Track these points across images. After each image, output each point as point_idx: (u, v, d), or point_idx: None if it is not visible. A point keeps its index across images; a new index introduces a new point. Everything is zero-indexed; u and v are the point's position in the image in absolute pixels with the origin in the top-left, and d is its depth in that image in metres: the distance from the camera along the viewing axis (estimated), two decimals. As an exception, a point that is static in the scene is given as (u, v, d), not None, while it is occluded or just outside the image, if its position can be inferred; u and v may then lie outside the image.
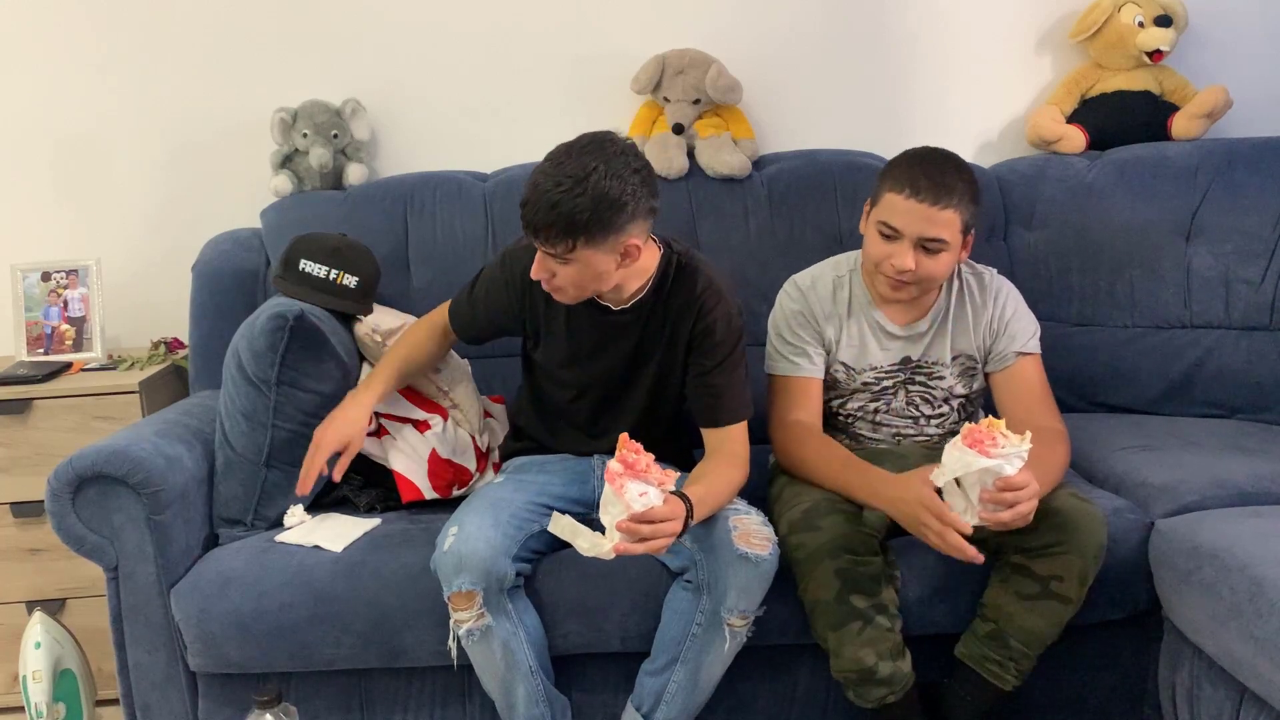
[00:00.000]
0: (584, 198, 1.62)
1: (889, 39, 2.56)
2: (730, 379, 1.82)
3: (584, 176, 1.62)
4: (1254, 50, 2.55)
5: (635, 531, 1.52)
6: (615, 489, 1.51)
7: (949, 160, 1.83)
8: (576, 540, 1.55)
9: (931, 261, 1.81)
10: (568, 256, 1.67)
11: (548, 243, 1.66)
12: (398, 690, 1.89)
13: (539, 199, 1.63)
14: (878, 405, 1.97)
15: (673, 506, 1.57)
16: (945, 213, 1.78)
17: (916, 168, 1.80)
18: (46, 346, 2.42)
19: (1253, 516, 1.77)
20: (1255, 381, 2.28)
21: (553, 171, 1.64)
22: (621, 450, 1.53)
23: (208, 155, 2.55)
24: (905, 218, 1.79)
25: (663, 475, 1.55)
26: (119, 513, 1.81)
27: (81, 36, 2.50)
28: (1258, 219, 2.31)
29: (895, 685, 1.73)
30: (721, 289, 1.82)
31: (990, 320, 1.93)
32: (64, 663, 2.11)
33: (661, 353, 1.85)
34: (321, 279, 2.08)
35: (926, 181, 1.78)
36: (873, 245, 1.86)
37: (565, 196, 1.62)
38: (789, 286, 1.99)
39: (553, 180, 1.63)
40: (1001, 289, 1.96)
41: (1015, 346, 1.92)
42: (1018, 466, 1.59)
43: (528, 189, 1.66)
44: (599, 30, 2.53)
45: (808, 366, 1.93)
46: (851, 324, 1.95)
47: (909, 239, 1.80)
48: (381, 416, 2.09)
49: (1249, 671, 1.58)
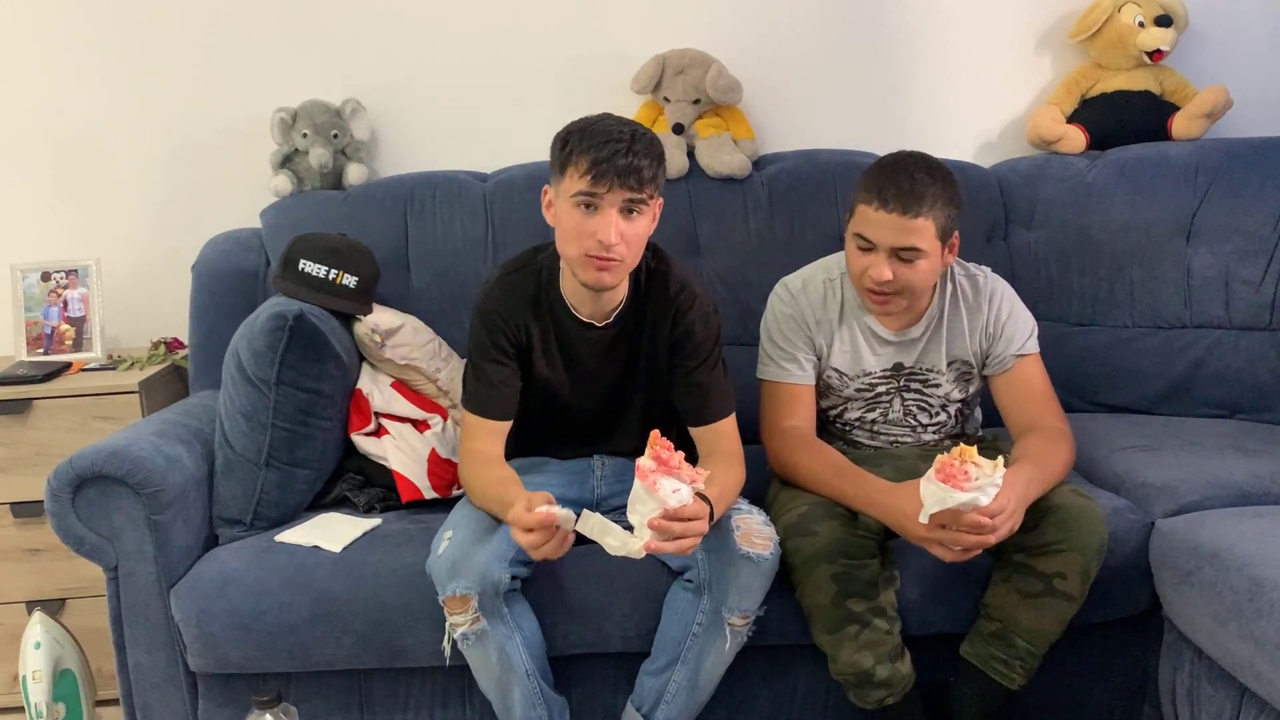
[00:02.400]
0: (656, 147, 1.67)
1: (889, 39, 2.56)
2: (714, 376, 1.82)
3: (644, 131, 1.67)
4: (1254, 50, 2.55)
5: (668, 530, 1.51)
6: (649, 485, 1.49)
7: (919, 165, 1.79)
8: (605, 539, 1.53)
9: (909, 270, 1.79)
10: (652, 198, 1.67)
11: (641, 186, 1.64)
12: (398, 690, 1.89)
13: (628, 145, 1.62)
14: (875, 415, 1.96)
15: (700, 505, 1.56)
16: (917, 221, 1.75)
17: (886, 177, 1.77)
18: (46, 346, 2.42)
19: (1253, 516, 1.77)
20: (1255, 381, 2.28)
21: (616, 125, 1.65)
22: (654, 447, 1.52)
23: (208, 155, 2.55)
24: (878, 229, 1.76)
25: (694, 473, 1.54)
26: (119, 513, 1.81)
27: (81, 36, 2.50)
28: (1258, 219, 2.31)
29: (894, 687, 1.73)
30: (695, 289, 1.82)
31: (986, 324, 1.91)
32: (64, 663, 2.11)
33: (648, 361, 1.85)
34: (321, 279, 2.08)
35: (895, 191, 1.75)
36: (852, 258, 1.84)
37: (646, 143, 1.64)
38: (780, 289, 1.97)
39: (627, 130, 1.64)
40: (996, 290, 1.93)
41: (1013, 350, 1.90)
42: (993, 495, 1.58)
43: (610, 142, 1.62)
44: (599, 30, 2.53)
45: (798, 373, 1.92)
46: (843, 330, 1.93)
47: (884, 250, 1.77)
48: (381, 416, 2.09)
49: (1249, 671, 1.58)
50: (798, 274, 1.98)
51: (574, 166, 1.64)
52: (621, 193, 1.63)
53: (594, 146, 1.62)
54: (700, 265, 2.35)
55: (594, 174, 1.62)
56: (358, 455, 2.08)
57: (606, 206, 1.64)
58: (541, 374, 1.85)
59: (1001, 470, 1.58)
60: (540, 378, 1.85)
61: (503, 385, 1.81)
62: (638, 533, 1.52)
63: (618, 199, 1.64)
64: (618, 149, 1.62)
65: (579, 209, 1.66)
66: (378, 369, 2.13)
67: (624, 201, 1.64)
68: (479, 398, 1.81)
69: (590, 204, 1.65)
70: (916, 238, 1.76)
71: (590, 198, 1.64)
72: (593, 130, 1.64)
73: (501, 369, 1.80)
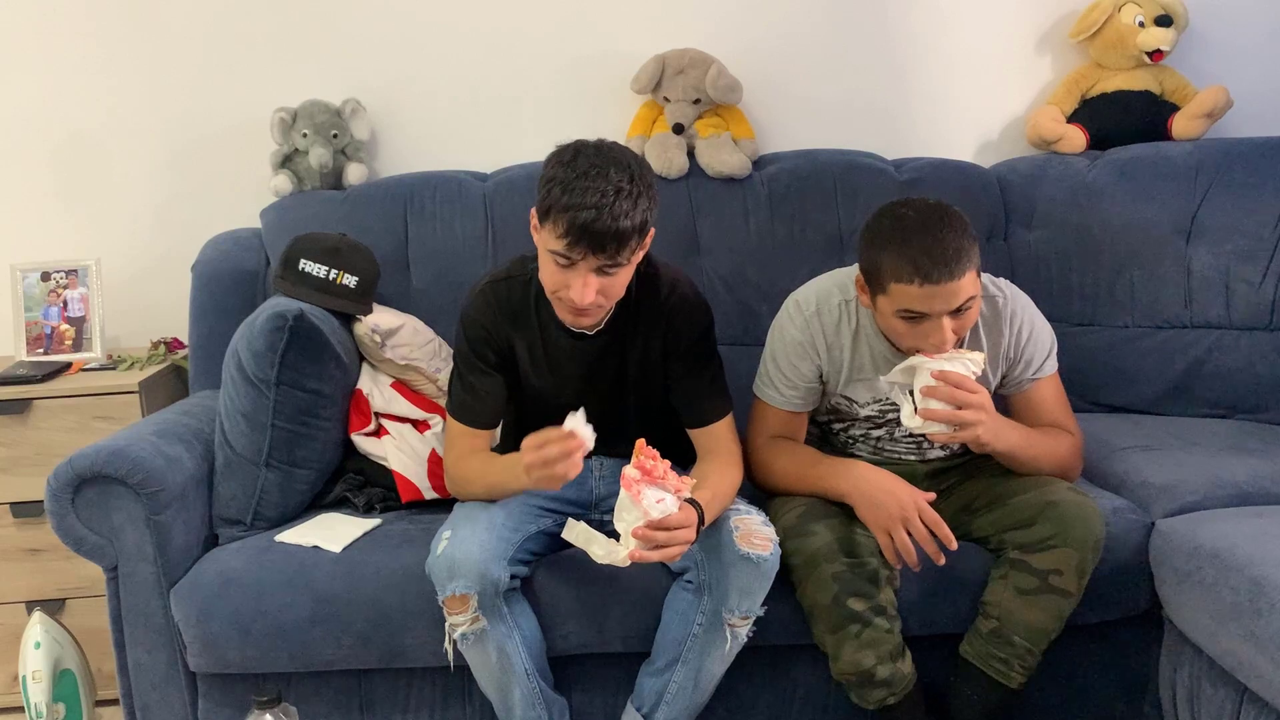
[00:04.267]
0: (643, 196, 1.59)
1: (889, 39, 2.56)
2: (708, 377, 1.82)
3: (632, 176, 1.58)
4: (1254, 50, 2.55)
5: (651, 539, 1.52)
6: (632, 495, 1.50)
7: (937, 223, 1.65)
8: (591, 547, 1.54)
9: (965, 319, 1.69)
10: (629, 260, 1.63)
11: (619, 251, 1.59)
12: (398, 690, 1.89)
13: (607, 210, 1.55)
14: (880, 433, 1.94)
15: (687, 513, 1.56)
16: (964, 279, 1.63)
17: (914, 247, 1.62)
18: (46, 346, 2.42)
19: (1253, 516, 1.77)
20: (1255, 381, 2.28)
21: (598, 182, 1.56)
22: (638, 456, 1.52)
23: (208, 155, 2.55)
24: (929, 303, 1.64)
25: (679, 482, 1.54)
26: (119, 513, 1.81)
27: (81, 36, 2.50)
28: (1258, 219, 2.31)
29: (895, 686, 1.73)
30: (684, 290, 1.81)
31: (1007, 348, 1.85)
32: (64, 663, 2.11)
33: (640, 366, 1.84)
34: (321, 279, 2.08)
35: (931, 264, 1.61)
36: (901, 335, 1.71)
37: (629, 202, 1.57)
38: (792, 308, 1.87)
39: (610, 187, 1.56)
40: (1015, 309, 1.84)
41: (1030, 373, 1.86)
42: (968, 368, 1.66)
43: (586, 209, 1.55)
44: (599, 30, 2.53)
45: (797, 401, 1.88)
46: (859, 358, 1.84)
47: (937, 316, 1.65)
48: (381, 416, 2.09)
49: (1249, 671, 1.58)
50: (810, 289, 1.88)
51: (552, 223, 1.59)
52: (596, 259, 1.60)
53: (572, 208, 1.56)
54: (700, 265, 2.35)
55: (569, 239, 1.57)
56: (358, 455, 2.08)
57: (583, 268, 1.61)
58: (531, 383, 1.84)
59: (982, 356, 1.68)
60: (531, 386, 1.85)
61: (486, 395, 1.80)
62: (623, 541, 1.52)
63: (593, 264, 1.61)
64: (596, 215, 1.55)
65: (556, 262, 1.62)
66: (378, 369, 2.13)
67: (600, 264, 1.61)
68: (464, 406, 1.81)
69: (567, 262, 1.61)
70: (967, 291, 1.65)
71: (566, 258, 1.60)
72: (575, 187, 1.57)
73: (485, 378, 1.80)
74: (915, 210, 1.68)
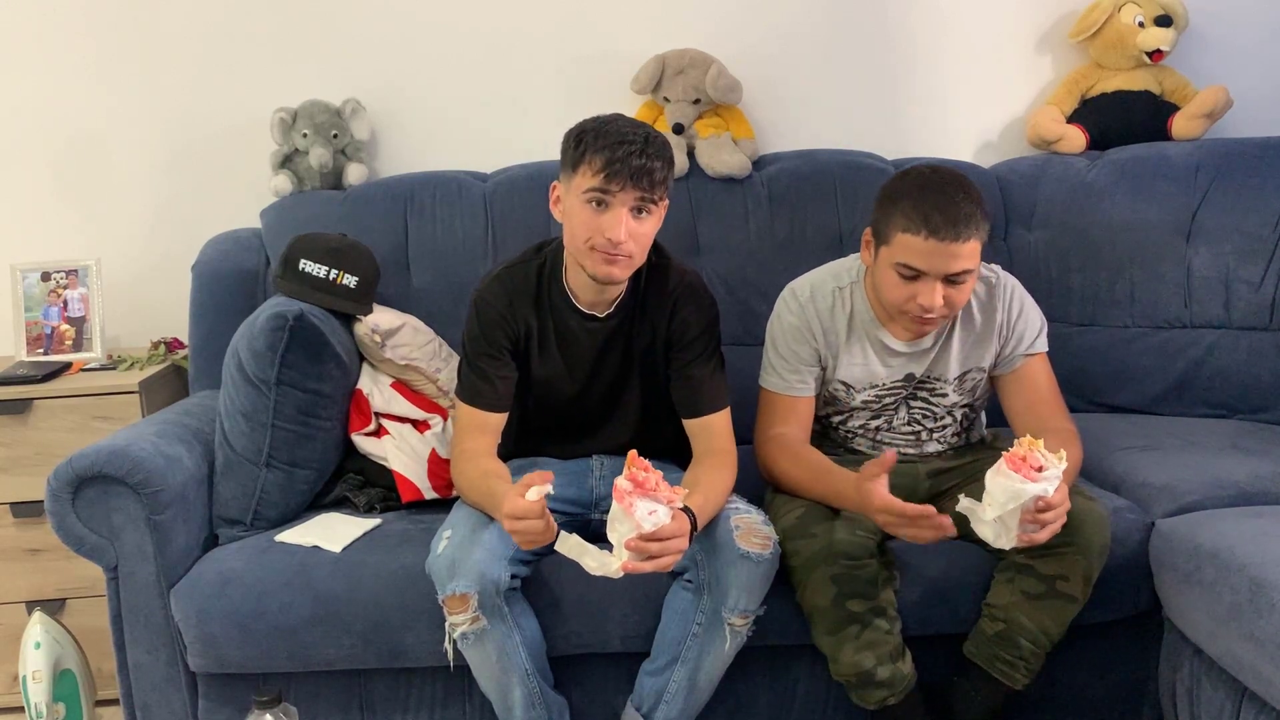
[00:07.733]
0: (667, 148, 1.70)
1: (889, 39, 2.56)
2: (708, 369, 1.84)
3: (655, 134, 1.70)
4: (1254, 50, 2.55)
5: (644, 550, 1.52)
6: (624, 507, 1.51)
7: (955, 185, 1.70)
8: (584, 559, 1.55)
9: (958, 292, 1.73)
10: (661, 199, 1.71)
11: (652, 187, 1.67)
12: (398, 690, 1.89)
13: (641, 144, 1.65)
14: (879, 423, 1.95)
15: (679, 522, 1.56)
16: (968, 245, 1.68)
17: (927, 203, 1.67)
18: (46, 346, 2.42)
19: (1253, 516, 1.77)
20: (1255, 381, 2.28)
21: (630, 125, 1.68)
22: (630, 468, 1.53)
23: (208, 155, 2.55)
24: (928, 259, 1.68)
25: (671, 493, 1.55)
26: (119, 513, 1.81)
27: (81, 37, 2.50)
28: (1258, 219, 2.31)
29: (895, 687, 1.73)
30: (693, 283, 1.86)
31: (1001, 324, 1.87)
32: (64, 663, 2.11)
33: (645, 354, 1.87)
34: (321, 279, 2.08)
35: (941, 218, 1.66)
36: (892, 288, 1.75)
37: (659, 145, 1.67)
38: (788, 296, 1.91)
39: (641, 130, 1.67)
40: (1007, 286, 1.89)
41: (1022, 349, 1.88)
42: (1056, 485, 1.56)
43: (624, 142, 1.65)
44: (599, 30, 2.53)
45: (799, 385, 1.89)
46: (853, 343, 1.88)
47: (934, 277, 1.70)
48: (381, 416, 2.09)
49: (1249, 671, 1.58)
50: (805, 280, 1.93)
51: (587, 164, 1.67)
52: (633, 192, 1.66)
53: (609, 146, 1.65)
54: (700, 265, 2.33)
55: (607, 173, 1.65)
56: (358, 455, 2.08)
57: (617, 205, 1.67)
58: (539, 369, 1.86)
59: (1065, 463, 1.57)
60: (538, 371, 1.87)
61: (497, 379, 1.82)
62: (616, 552, 1.53)
63: (629, 198, 1.67)
64: (632, 150, 1.65)
65: (590, 206, 1.69)
66: (378, 369, 2.13)
67: (635, 201, 1.68)
68: (474, 390, 1.83)
69: (602, 201, 1.68)
70: (967, 260, 1.69)
71: (603, 195, 1.67)
72: (607, 130, 1.67)
73: (495, 363, 1.82)
74: (938, 172, 1.75)
